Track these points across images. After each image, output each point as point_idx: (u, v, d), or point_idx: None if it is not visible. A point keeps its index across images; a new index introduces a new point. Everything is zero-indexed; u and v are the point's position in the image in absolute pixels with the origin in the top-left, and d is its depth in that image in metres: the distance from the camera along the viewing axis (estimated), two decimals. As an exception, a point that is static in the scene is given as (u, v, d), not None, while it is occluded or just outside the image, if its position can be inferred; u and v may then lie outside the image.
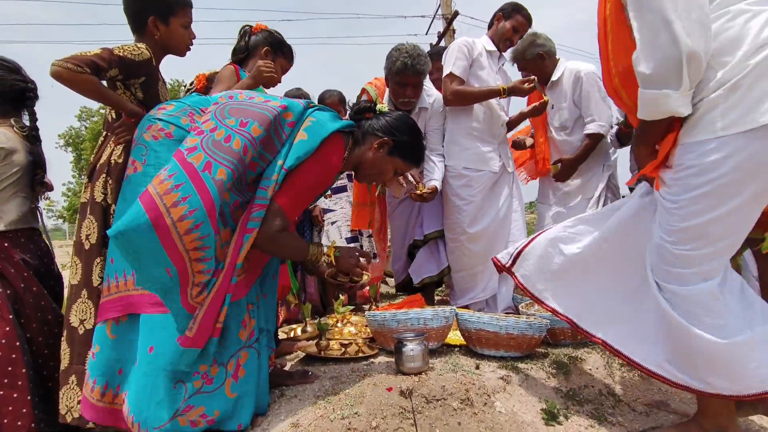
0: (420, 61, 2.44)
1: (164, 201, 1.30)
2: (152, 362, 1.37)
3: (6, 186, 1.67)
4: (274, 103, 1.55)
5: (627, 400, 1.73)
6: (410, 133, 1.72)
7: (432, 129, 2.67)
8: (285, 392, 1.67)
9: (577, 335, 2.12)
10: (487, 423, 1.47)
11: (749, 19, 1.18)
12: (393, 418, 1.43)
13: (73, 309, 1.55)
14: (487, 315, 1.96)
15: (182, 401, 1.38)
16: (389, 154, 1.69)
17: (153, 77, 1.69)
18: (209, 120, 1.46)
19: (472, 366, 1.84)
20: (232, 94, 1.58)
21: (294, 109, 1.57)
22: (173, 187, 1.32)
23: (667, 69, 1.17)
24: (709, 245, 1.26)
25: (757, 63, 1.15)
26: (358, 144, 1.70)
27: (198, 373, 1.41)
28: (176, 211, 1.30)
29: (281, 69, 2.15)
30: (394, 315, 1.91)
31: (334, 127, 1.58)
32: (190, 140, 1.41)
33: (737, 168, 1.18)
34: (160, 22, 1.67)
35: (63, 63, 1.41)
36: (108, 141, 1.66)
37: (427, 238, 2.78)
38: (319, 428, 1.40)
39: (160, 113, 1.51)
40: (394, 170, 1.75)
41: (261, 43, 2.13)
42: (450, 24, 11.11)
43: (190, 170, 1.35)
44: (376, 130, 1.69)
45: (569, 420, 1.58)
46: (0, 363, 1.52)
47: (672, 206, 1.29)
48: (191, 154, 1.38)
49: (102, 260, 1.56)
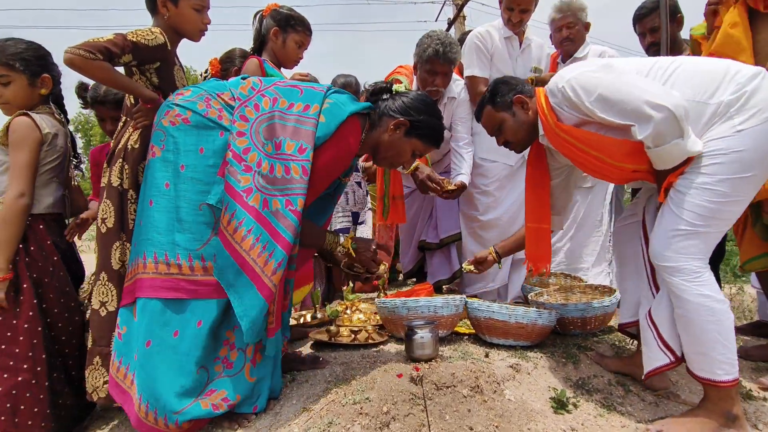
0: (452, 49, 2.39)
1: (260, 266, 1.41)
2: (176, 347, 1.39)
3: (47, 170, 1.68)
4: (298, 105, 1.53)
5: (636, 390, 1.73)
6: (428, 112, 1.67)
7: (459, 119, 2.62)
8: (296, 377, 1.70)
9: (587, 326, 2.12)
10: (497, 410, 1.48)
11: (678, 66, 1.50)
12: (404, 403, 1.45)
13: (94, 291, 1.58)
14: (497, 304, 1.97)
15: (205, 385, 1.41)
16: (406, 135, 1.65)
17: (168, 62, 1.68)
18: (252, 150, 1.47)
19: (481, 354, 1.85)
20: (254, 86, 1.57)
21: (315, 100, 1.56)
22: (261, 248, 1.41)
23: (665, 126, 1.36)
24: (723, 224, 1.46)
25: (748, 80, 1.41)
26: (374, 126, 1.67)
27: (218, 359, 1.44)
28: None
29: (294, 44, 2.13)
30: (405, 302, 1.92)
31: (351, 110, 1.56)
32: (244, 179, 1.43)
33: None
34: (170, 3, 1.66)
35: (76, 50, 1.41)
36: (127, 126, 1.67)
37: (444, 242, 2.76)
38: (330, 412, 1.42)
39: (177, 99, 1.51)
40: (412, 151, 1.70)
41: (271, 26, 2.11)
42: (460, 10, 10.94)
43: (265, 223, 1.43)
44: (392, 111, 1.64)
45: (578, 409, 1.58)
46: (21, 348, 1.53)
47: (708, 183, 1.41)
48: (249, 195, 1.43)
49: (121, 244, 1.58)
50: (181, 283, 1.42)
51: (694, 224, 1.41)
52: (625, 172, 1.56)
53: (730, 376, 1.40)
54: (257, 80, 1.60)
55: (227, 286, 1.39)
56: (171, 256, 1.42)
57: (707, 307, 1.39)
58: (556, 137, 1.64)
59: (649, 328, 1.57)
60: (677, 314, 1.46)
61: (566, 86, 1.55)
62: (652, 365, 1.57)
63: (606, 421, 1.54)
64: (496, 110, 1.81)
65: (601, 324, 2.17)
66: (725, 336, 1.39)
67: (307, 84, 1.65)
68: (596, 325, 2.15)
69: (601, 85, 1.49)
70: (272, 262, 1.39)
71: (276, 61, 2.17)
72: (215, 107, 1.50)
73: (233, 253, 1.39)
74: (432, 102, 1.73)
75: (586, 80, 1.52)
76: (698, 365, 1.44)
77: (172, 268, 1.42)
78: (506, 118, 1.80)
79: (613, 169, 1.55)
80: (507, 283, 2.67)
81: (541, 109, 1.67)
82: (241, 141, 1.46)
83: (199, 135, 1.46)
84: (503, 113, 1.80)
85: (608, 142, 1.53)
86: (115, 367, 1.48)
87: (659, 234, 1.48)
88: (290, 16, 2.12)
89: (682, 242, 1.43)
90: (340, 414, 1.40)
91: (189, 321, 1.41)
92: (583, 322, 2.11)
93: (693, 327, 1.42)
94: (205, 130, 1.47)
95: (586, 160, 1.59)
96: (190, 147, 1.46)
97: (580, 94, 1.52)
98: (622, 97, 1.44)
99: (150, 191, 1.46)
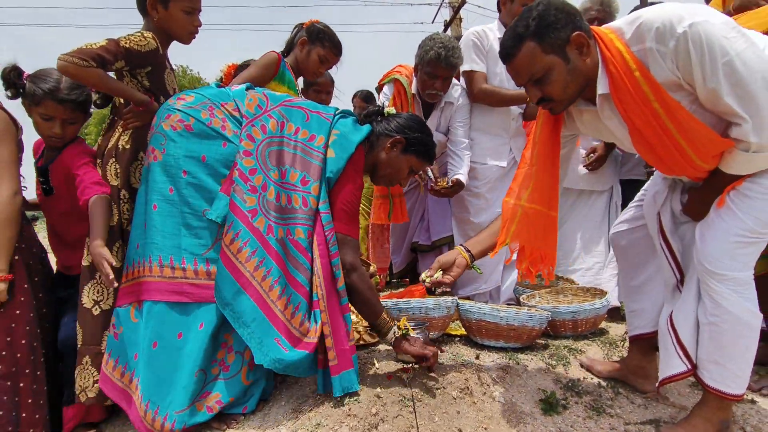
0: (454, 54, 2.38)
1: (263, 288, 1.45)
2: (181, 348, 1.41)
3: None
4: (304, 132, 1.60)
5: (625, 392, 1.74)
6: (421, 130, 1.75)
7: (458, 122, 2.62)
8: (286, 378, 1.69)
9: (578, 329, 2.13)
10: (486, 412, 1.48)
11: None
12: (393, 405, 1.45)
13: (86, 290, 1.56)
14: (488, 306, 1.97)
15: (201, 388, 1.42)
16: (403, 153, 1.73)
17: (160, 66, 1.68)
18: (258, 173, 1.50)
19: (472, 356, 1.85)
20: (261, 104, 1.59)
21: (321, 131, 1.62)
22: (265, 271, 1.45)
23: None
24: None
25: None
26: (373, 147, 1.74)
27: (216, 361, 1.46)
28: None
29: (317, 57, 2.16)
30: (396, 304, 1.92)
31: (358, 140, 1.64)
32: (249, 199, 1.47)
33: None
34: (160, 5, 1.65)
35: (69, 58, 1.42)
36: (116, 125, 1.67)
37: (436, 244, 2.77)
38: (319, 414, 1.42)
39: (179, 104, 1.52)
40: (409, 168, 1.77)
41: (301, 35, 2.16)
42: (457, 12, 10.97)
43: (276, 256, 1.48)
44: (388, 131, 1.72)
45: (568, 411, 1.59)
46: (23, 353, 1.47)
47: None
48: (260, 224, 1.48)
49: (121, 244, 1.59)
50: (185, 287, 1.44)
51: (759, 232, 1.28)
52: (696, 171, 1.32)
53: (740, 390, 1.36)
54: (263, 97, 1.63)
55: (223, 306, 1.42)
56: (176, 260, 1.45)
57: (746, 322, 1.30)
58: (632, 98, 1.23)
59: (669, 334, 1.45)
60: (709, 322, 1.34)
61: (690, 33, 1.12)
62: (667, 372, 1.45)
63: (595, 423, 1.55)
64: (544, 50, 1.27)
65: (592, 326, 2.18)
66: (751, 352, 1.33)
67: (314, 108, 1.69)
68: (587, 328, 2.16)
69: (734, 50, 1.12)
70: (284, 297, 1.47)
71: (296, 68, 2.21)
72: (218, 117, 1.52)
73: (234, 272, 1.42)
74: (422, 121, 1.81)
75: (715, 37, 1.13)
76: (711, 375, 1.37)
77: (177, 271, 1.44)
78: (556, 63, 1.28)
79: (685, 164, 1.30)
80: (500, 284, 2.68)
81: (612, 54, 1.24)
82: (248, 161, 1.50)
83: (201, 143, 1.49)
84: (553, 56, 1.27)
85: (699, 129, 1.22)
86: (110, 365, 1.48)
87: (719, 238, 1.31)
88: (322, 31, 2.16)
89: (742, 249, 1.29)
90: (328, 415, 1.40)
91: (192, 323, 1.43)
92: (574, 324, 2.12)
93: (723, 338, 1.32)
94: (208, 139, 1.49)
95: (659, 140, 1.27)
96: (192, 154, 1.48)
97: (707, 50, 1.12)
98: (755, 79, 1.13)
99: (153, 195, 1.47)
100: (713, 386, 1.37)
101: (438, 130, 2.65)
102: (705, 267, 1.33)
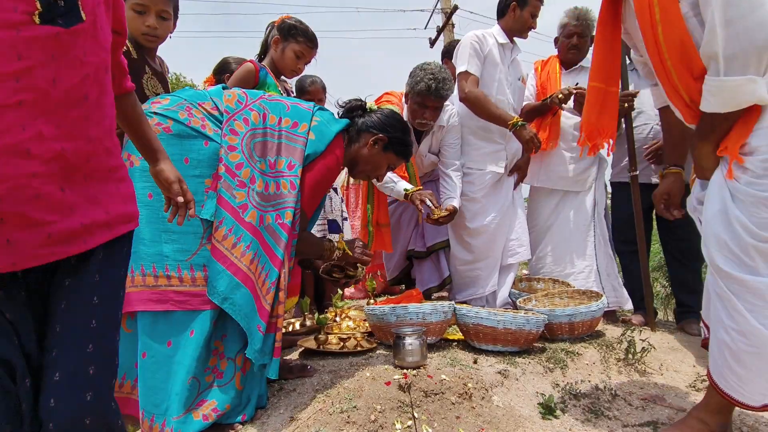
0: (445, 86, 2.38)
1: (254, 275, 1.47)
2: (171, 356, 1.40)
3: None
4: (286, 121, 1.62)
5: (623, 395, 1.74)
6: (402, 129, 1.80)
7: (449, 144, 2.63)
8: (284, 386, 1.68)
9: (575, 331, 2.14)
10: (485, 417, 1.48)
11: None
12: (391, 411, 1.44)
13: None
14: (485, 310, 1.98)
15: (196, 395, 1.41)
16: (384, 150, 1.77)
17: (136, 71, 1.66)
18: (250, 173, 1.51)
19: (470, 360, 1.85)
20: (240, 99, 1.60)
21: (304, 119, 1.65)
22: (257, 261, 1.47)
23: (751, 54, 1.08)
24: None
25: None
26: (353, 141, 1.77)
27: (209, 369, 1.45)
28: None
29: (293, 54, 2.13)
30: (393, 309, 1.92)
31: (338, 129, 1.68)
32: (239, 194, 1.47)
33: None
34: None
35: None
36: None
37: (431, 250, 2.80)
38: (317, 422, 1.41)
39: (155, 107, 1.49)
40: (387, 165, 1.83)
41: (274, 34, 2.13)
42: (449, 18, 11.05)
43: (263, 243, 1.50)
44: (369, 127, 1.76)
45: (566, 414, 1.59)
46: None
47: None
48: (246, 213, 1.49)
49: None
50: (169, 295, 1.41)
51: None
52: (677, 99, 1.29)
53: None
54: (242, 93, 1.63)
55: (222, 300, 1.41)
56: (159, 267, 1.42)
57: None
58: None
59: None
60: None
61: None
62: None
63: (593, 426, 1.55)
64: None
65: (588, 329, 2.19)
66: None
67: (293, 101, 1.72)
68: (584, 330, 2.17)
69: None
70: (267, 282, 1.46)
71: (275, 69, 2.18)
72: (197, 116, 1.50)
73: (230, 267, 1.42)
74: (403, 119, 1.86)
75: None
76: (726, 381, 1.28)
77: (161, 279, 1.41)
78: None
79: (669, 87, 1.29)
80: (496, 289, 2.68)
81: None
82: (234, 156, 1.49)
83: (182, 144, 1.46)
84: None
85: (678, 33, 1.21)
86: None
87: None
88: (293, 26, 2.13)
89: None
90: (327, 423, 1.39)
91: (181, 331, 1.42)
92: (571, 327, 2.13)
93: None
94: (188, 140, 1.47)
95: (654, 47, 1.27)
96: (173, 156, 1.43)
97: None
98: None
99: None
100: (726, 391, 1.29)
101: (430, 151, 2.68)
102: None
